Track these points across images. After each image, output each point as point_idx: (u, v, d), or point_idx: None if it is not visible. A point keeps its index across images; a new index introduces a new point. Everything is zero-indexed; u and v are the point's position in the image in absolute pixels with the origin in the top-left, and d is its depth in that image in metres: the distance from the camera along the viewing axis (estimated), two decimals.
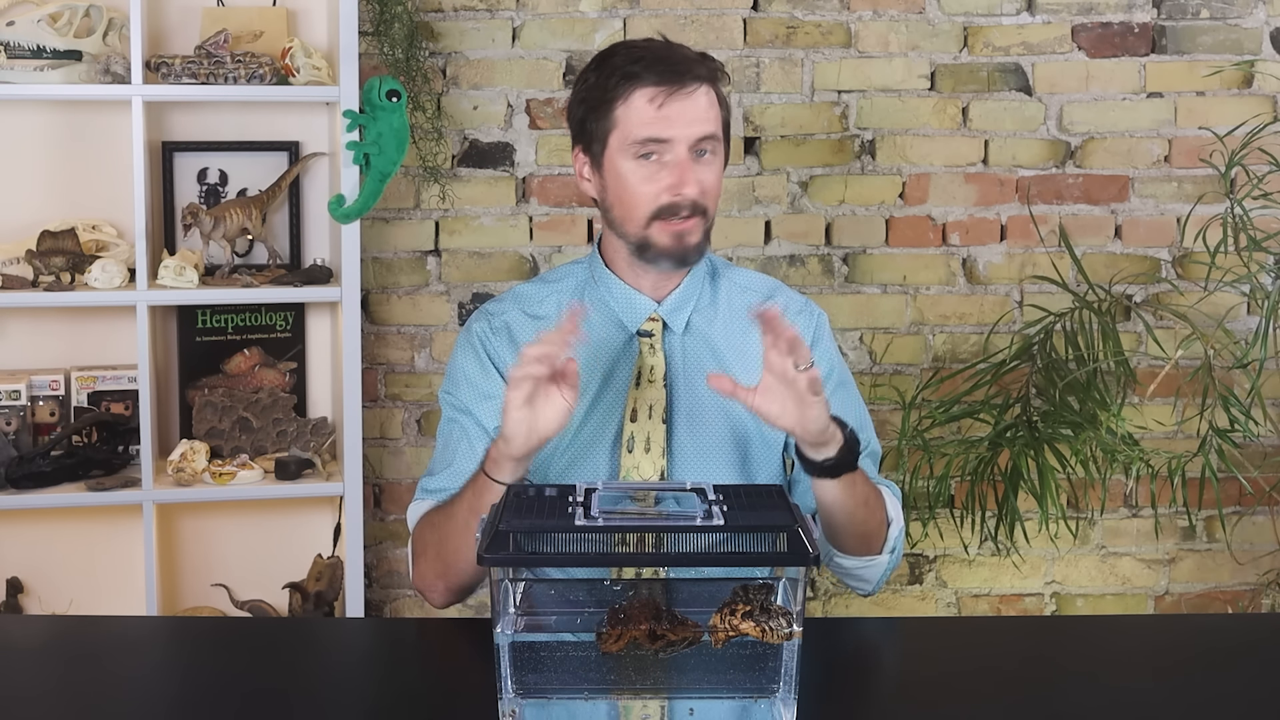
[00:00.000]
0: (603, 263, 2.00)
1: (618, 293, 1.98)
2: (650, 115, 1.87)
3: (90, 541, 2.92)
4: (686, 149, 1.88)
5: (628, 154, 1.89)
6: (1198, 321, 2.89)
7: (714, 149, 1.91)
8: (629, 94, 1.88)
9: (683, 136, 1.87)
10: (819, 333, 2.04)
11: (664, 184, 1.88)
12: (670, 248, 1.91)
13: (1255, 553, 3.26)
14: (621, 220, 1.93)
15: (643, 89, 1.87)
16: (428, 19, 3.00)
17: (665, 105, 1.87)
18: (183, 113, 2.91)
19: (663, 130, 1.87)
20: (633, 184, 1.90)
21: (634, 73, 1.88)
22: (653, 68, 1.88)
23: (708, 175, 1.90)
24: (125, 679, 1.71)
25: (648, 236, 1.91)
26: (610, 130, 1.90)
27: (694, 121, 1.88)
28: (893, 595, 3.25)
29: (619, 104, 1.89)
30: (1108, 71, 3.16)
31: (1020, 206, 3.17)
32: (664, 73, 1.88)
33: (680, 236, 1.90)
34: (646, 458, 1.93)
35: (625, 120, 1.89)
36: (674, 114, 1.87)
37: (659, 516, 1.49)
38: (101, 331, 2.90)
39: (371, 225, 3.02)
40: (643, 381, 1.95)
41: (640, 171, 1.89)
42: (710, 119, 1.90)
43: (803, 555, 1.42)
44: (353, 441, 2.79)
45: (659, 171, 1.88)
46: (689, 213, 1.89)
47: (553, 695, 1.46)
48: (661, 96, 1.87)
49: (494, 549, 1.43)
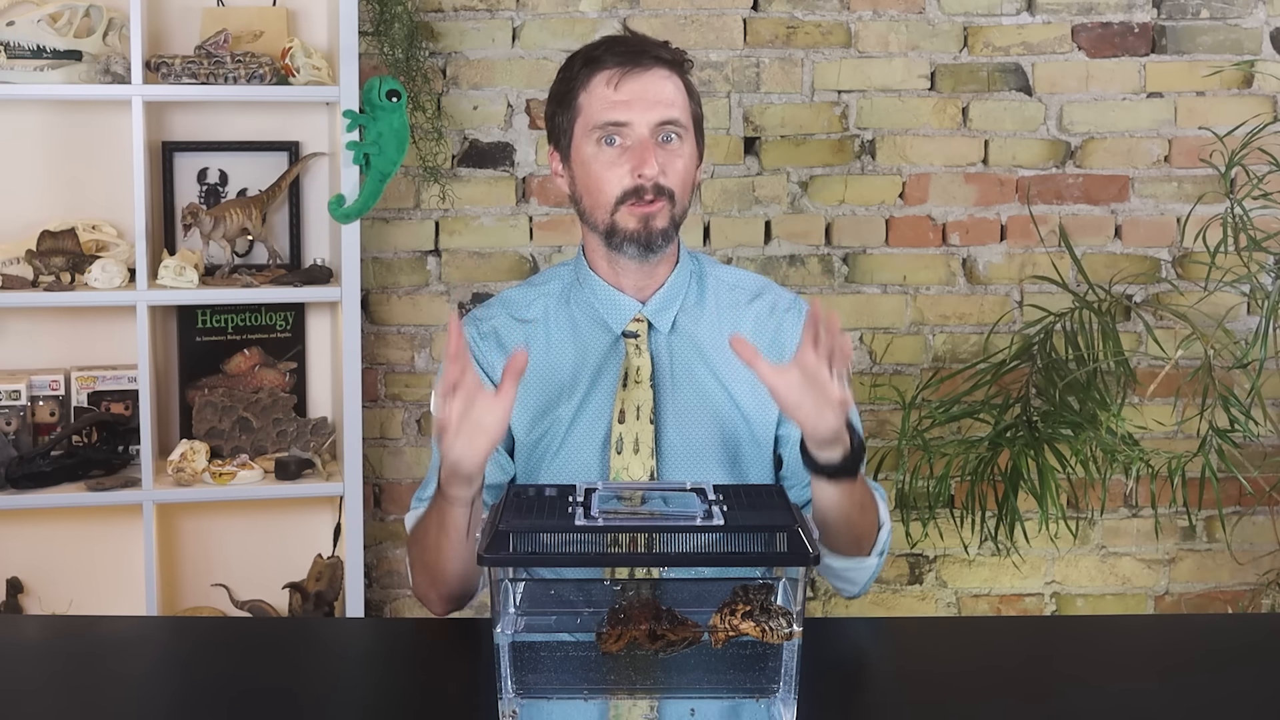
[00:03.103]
0: (586, 265, 2.01)
1: (601, 294, 1.98)
2: (609, 98, 1.89)
3: (90, 541, 2.92)
4: (648, 131, 1.89)
5: (590, 140, 1.91)
6: (1198, 321, 2.89)
7: (681, 135, 1.91)
8: (589, 79, 1.91)
9: (642, 119, 1.88)
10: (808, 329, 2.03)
11: (626, 167, 1.89)
12: (636, 230, 1.91)
13: (1255, 553, 3.26)
14: (590, 209, 1.94)
15: (601, 72, 1.90)
16: (428, 19, 3.00)
17: (622, 84, 1.89)
18: (183, 113, 2.91)
19: (622, 114, 1.88)
20: (596, 170, 1.91)
21: (594, 57, 1.92)
22: (611, 50, 1.91)
23: (673, 161, 1.91)
24: (125, 679, 1.71)
25: (615, 222, 1.91)
26: (575, 119, 1.92)
27: (655, 104, 1.89)
28: (893, 595, 3.25)
29: (581, 92, 1.91)
30: (1108, 71, 3.16)
31: (1020, 206, 3.17)
32: (622, 54, 1.90)
33: (646, 220, 1.90)
34: (636, 459, 1.93)
35: (587, 106, 1.91)
36: (632, 95, 1.88)
37: (659, 516, 1.49)
38: (101, 331, 2.90)
39: (371, 225, 3.02)
40: (629, 382, 1.95)
41: (603, 157, 1.90)
42: (674, 104, 1.90)
43: (803, 555, 1.42)
44: (353, 441, 2.79)
45: (621, 156, 1.90)
46: (653, 195, 1.89)
47: (552, 695, 1.46)
48: (618, 76, 1.89)
49: (494, 549, 1.43)
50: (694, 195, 2.00)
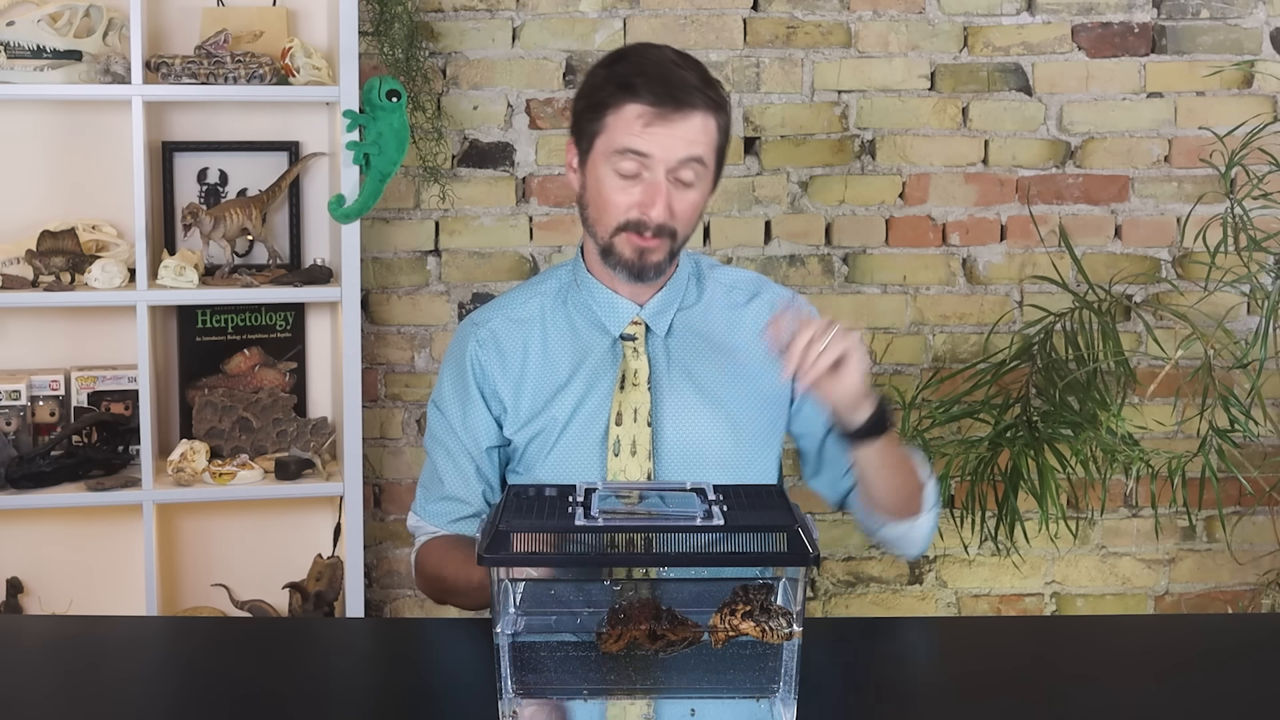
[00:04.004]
0: (585, 267, 2.01)
1: (599, 296, 1.99)
2: (636, 131, 1.87)
3: (90, 541, 2.92)
4: (664, 171, 1.87)
5: (609, 161, 1.89)
6: (1198, 321, 2.89)
7: (697, 175, 1.90)
8: (621, 105, 1.88)
9: (662, 158, 1.87)
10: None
11: (634, 200, 1.89)
12: (630, 260, 1.92)
13: (1255, 553, 3.26)
14: (593, 221, 1.95)
15: (635, 104, 1.87)
16: (428, 19, 3.00)
17: (651, 125, 1.86)
18: (183, 113, 2.91)
19: (643, 146, 1.87)
20: (607, 191, 1.90)
21: (633, 85, 1.87)
22: (651, 87, 1.87)
23: (682, 201, 1.90)
24: (125, 679, 1.71)
25: (613, 244, 1.92)
26: (598, 133, 1.90)
27: (678, 144, 1.87)
28: (893, 595, 3.25)
29: (610, 111, 1.89)
30: (1108, 71, 3.16)
31: (1020, 206, 3.17)
32: (660, 95, 1.86)
33: (642, 253, 1.91)
34: (633, 461, 1.93)
35: (613, 128, 1.88)
36: (659, 136, 1.86)
37: (659, 516, 1.49)
38: (101, 331, 2.90)
39: (371, 225, 3.02)
40: (627, 385, 1.95)
41: (616, 182, 1.89)
42: (699, 143, 1.88)
43: (803, 555, 1.42)
44: (353, 441, 2.79)
45: (633, 186, 1.89)
46: (654, 233, 1.89)
47: (553, 695, 1.46)
48: (650, 117, 1.86)
49: (494, 549, 1.43)
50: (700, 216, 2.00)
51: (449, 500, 2.02)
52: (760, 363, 2.00)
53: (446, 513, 2.02)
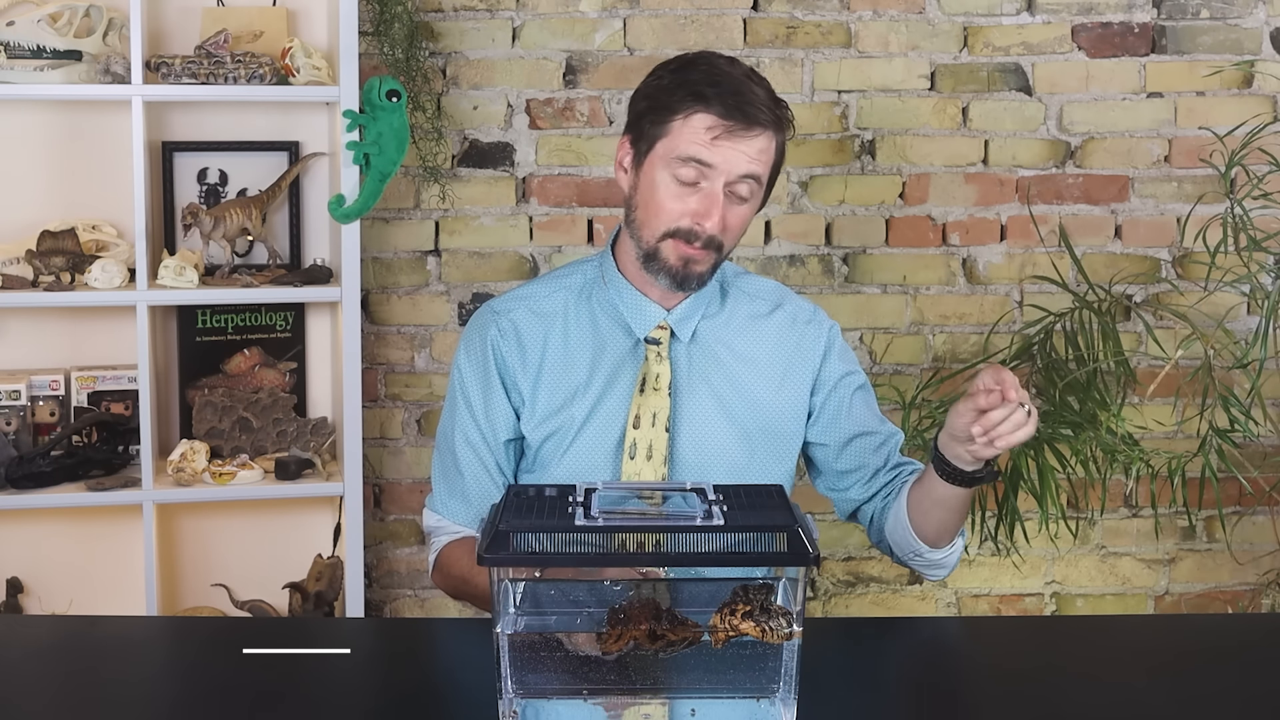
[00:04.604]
0: (615, 264, 2.00)
1: (628, 297, 1.98)
2: (703, 141, 1.86)
3: (90, 541, 2.92)
4: (723, 184, 1.87)
5: (669, 167, 1.88)
6: (1198, 321, 2.89)
7: (752, 191, 1.90)
8: (691, 114, 1.87)
9: (724, 170, 1.87)
10: (830, 345, 2.05)
11: (690, 208, 1.88)
12: (675, 268, 1.91)
13: (1255, 553, 3.26)
14: (640, 224, 1.93)
15: (706, 115, 1.86)
16: (428, 19, 3.00)
17: (720, 139, 1.86)
18: (183, 113, 2.91)
19: (709, 158, 1.86)
20: (662, 196, 1.89)
21: (705, 95, 1.87)
22: (724, 99, 1.86)
23: (734, 216, 1.90)
24: (125, 679, 1.71)
25: (658, 250, 1.91)
26: (661, 137, 1.89)
27: (742, 161, 1.87)
28: (893, 595, 3.25)
29: (679, 118, 1.88)
30: (1108, 71, 3.16)
31: (1020, 206, 3.17)
32: (732, 109, 1.86)
33: (688, 262, 1.91)
34: (648, 465, 1.93)
35: (679, 135, 1.88)
36: (725, 150, 1.86)
37: (659, 516, 1.49)
38: (101, 331, 2.90)
39: (371, 225, 3.02)
40: (647, 389, 1.95)
41: (673, 188, 1.89)
42: (760, 161, 1.89)
43: (803, 555, 1.42)
44: (353, 441, 2.79)
45: (690, 195, 1.88)
46: (704, 245, 1.89)
47: (553, 695, 1.46)
48: (720, 130, 1.86)
49: (494, 549, 1.43)
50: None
51: (471, 498, 1.99)
52: (779, 374, 2.00)
53: (469, 512, 1.99)
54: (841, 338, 2.07)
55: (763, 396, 1.99)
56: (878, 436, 2.04)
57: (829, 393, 2.02)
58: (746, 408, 1.98)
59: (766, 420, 1.99)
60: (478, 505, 1.98)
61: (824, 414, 2.02)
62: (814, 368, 2.02)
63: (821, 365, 2.02)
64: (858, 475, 2.03)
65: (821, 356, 2.02)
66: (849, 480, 2.04)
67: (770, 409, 1.99)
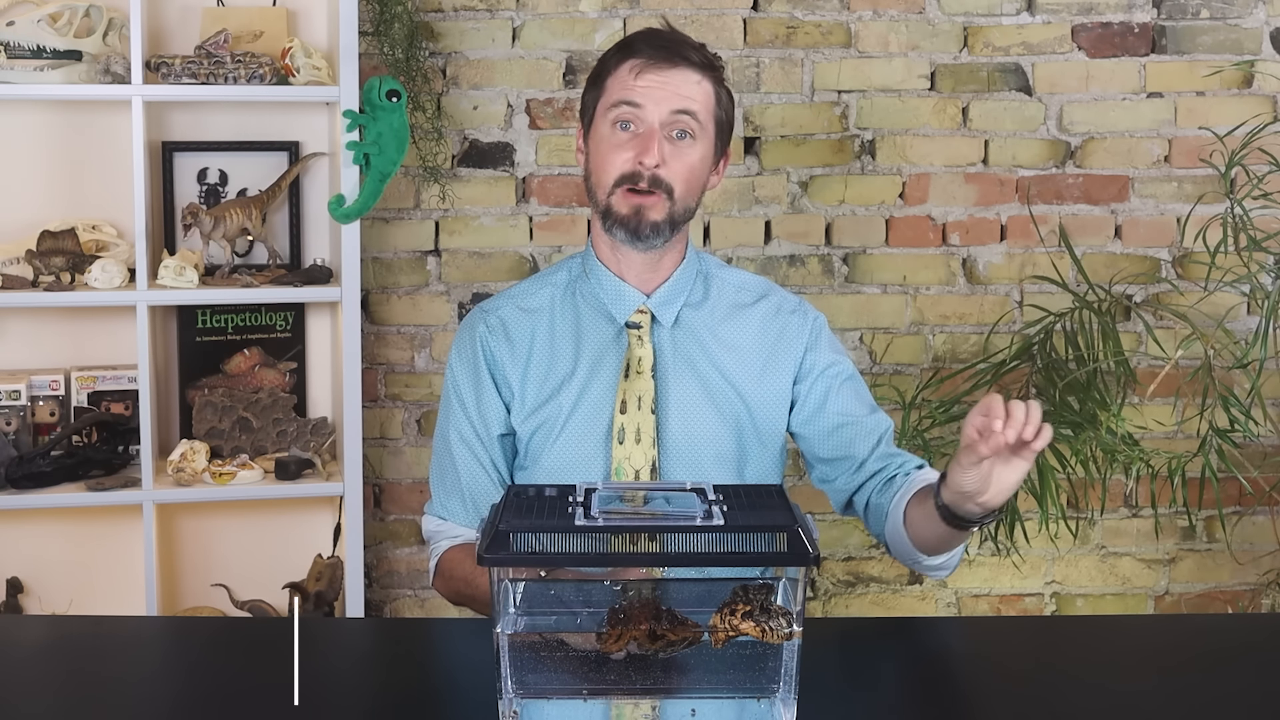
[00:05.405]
0: (594, 255, 2.03)
1: (607, 284, 2.00)
2: (629, 84, 1.92)
3: (90, 541, 2.92)
4: (659, 120, 1.91)
5: (606, 120, 1.94)
6: (1198, 321, 2.89)
7: (695, 134, 1.93)
8: (618, 65, 1.95)
9: (655, 107, 1.92)
10: (815, 336, 2.05)
11: (630, 153, 1.92)
12: (626, 217, 1.93)
13: (1255, 553, 3.26)
14: (594, 189, 1.98)
15: (630, 60, 1.94)
16: (428, 19, 3.00)
17: (643, 74, 1.92)
18: (182, 113, 2.91)
19: (635, 96, 1.92)
20: (604, 150, 1.94)
21: (631, 44, 1.96)
22: (647, 41, 1.95)
23: (678, 159, 1.93)
24: (125, 679, 1.71)
25: (610, 204, 1.95)
26: (598, 99, 1.97)
27: (670, 97, 1.91)
28: (893, 595, 3.25)
29: (609, 75, 1.96)
30: (1108, 71, 3.16)
31: (1020, 206, 3.17)
32: (656, 48, 1.94)
33: (639, 209, 1.93)
34: (638, 449, 1.94)
35: (610, 88, 1.95)
36: (651, 85, 1.92)
37: (659, 516, 1.49)
38: (101, 331, 2.90)
39: (371, 225, 3.02)
40: (631, 373, 1.96)
41: (613, 139, 1.94)
42: (692, 99, 1.92)
43: (803, 555, 1.42)
44: (353, 441, 2.79)
45: (629, 141, 1.93)
46: (649, 186, 1.91)
47: (553, 695, 1.46)
48: (641, 67, 1.92)
49: (494, 549, 1.43)
50: (700, 198, 2.01)
51: (467, 495, 2.01)
52: (761, 362, 2.01)
53: (466, 510, 2.01)
54: (829, 329, 2.07)
55: (744, 383, 2.00)
56: (864, 426, 2.02)
57: (813, 382, 2.03)
58: (730, 395, 1.99)
59: (749, 406, 1.99)
60: (474, 502, 2.00)
61: (807, 403, 2.02)
62: (797, 357, 2.03)
63: (805, 355, 2.03)
64: (844, 464, 2.02)
65: (805, 346, 2.03)
66: (836, 470, 2.03)
67: (752, 395, 2.00)
